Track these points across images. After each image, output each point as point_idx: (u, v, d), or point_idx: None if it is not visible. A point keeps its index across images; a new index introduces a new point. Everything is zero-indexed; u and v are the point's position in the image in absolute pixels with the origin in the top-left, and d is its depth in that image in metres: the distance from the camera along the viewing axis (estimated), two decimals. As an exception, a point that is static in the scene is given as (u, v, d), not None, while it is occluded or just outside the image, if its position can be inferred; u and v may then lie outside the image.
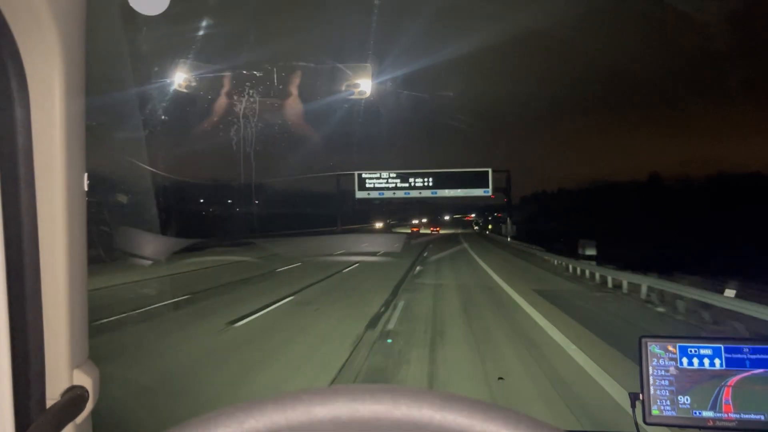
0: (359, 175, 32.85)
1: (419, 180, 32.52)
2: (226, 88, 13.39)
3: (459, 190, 32.93)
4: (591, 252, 20.59)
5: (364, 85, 10.14)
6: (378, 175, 32.73)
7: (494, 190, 33.38)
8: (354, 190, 33.41)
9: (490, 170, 32.63)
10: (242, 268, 21.11)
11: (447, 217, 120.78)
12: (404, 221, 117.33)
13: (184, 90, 10.28)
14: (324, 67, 13.10)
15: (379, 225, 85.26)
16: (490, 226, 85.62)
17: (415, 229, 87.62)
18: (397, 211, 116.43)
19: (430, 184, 32.61)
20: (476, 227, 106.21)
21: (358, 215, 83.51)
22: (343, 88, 10.35)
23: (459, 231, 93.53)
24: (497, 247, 40.47)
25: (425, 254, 31.28)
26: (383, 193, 32.75)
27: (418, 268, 22.58)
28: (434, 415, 0.49)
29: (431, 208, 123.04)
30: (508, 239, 43.01)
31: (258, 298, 12.52)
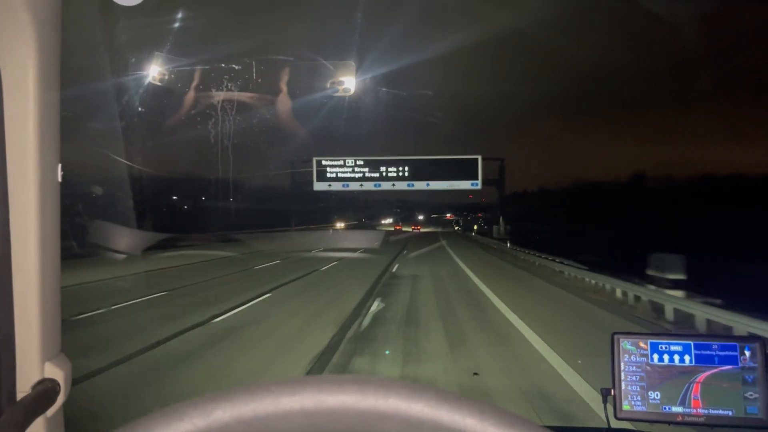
0: (318, 163, 26.62)
1: (392, 169, 26.45)
2: (204, 82, 13.41)
3: (441, 182, 27.06)
4: (676, 275, 12.29)
5: (348, 82, 11.11)
6: (341, 163, 26.67)
7: (484, 182, 27.22)
8: (312, 181, 26.92)
9: (479, 158, 26.75)
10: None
11: (421, 217, 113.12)
12: (374, 220, 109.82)
13: (160, 83, 11.12)
14: (307, 64, 13.21)
15: (341, 225, 76.20)
16: (476, 227, 75.04)
17: (397, 227, 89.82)
18: (365, 209, 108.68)
19: (406, 174, 26.48)
20: (457, 227, 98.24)
21: (324, 212, 76.95)
22: (328, 85, 11.26)
23: (439, 230, 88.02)
24: (499, 258, 28.88)
25: (394, 269, 21.94)
26: (348, 185, 26.66)
27: (375, 305, 12.56)
28: (400, 405, 0.49)
29: (405, 207, 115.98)
30: (508, 245, 33.75)
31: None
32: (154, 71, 10.91)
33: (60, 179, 1.11)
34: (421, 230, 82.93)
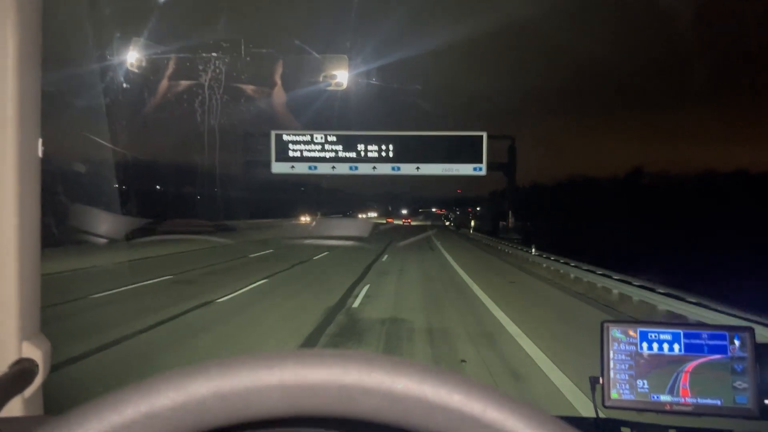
0: (278, 138, 20.20)
1: (373, 147, 19.98)
2: (192, 69, 13.93)
3: (435, 165, 20.22)
4: None
5: (341, 76, 10.59)
6: (308, 138, 20.17)
7: (489, 166, 20.47)
8: (270, 162, 20.69)
9: (484, 135, 20.02)
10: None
11: (405, 211, 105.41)
12: (355, 213, 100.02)
13: (138, 70, 11.01)
14: (298, 57, 13.33)
15: (306, 219, 66.43)
16: (473, 222, 66.19)
17: (389, 220, 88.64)
18: (336, 201, 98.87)
19: (391, 154, 19.93)
20: (447, 222, 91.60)
21: (307, 204, 70.41)
22: (320, 79, 10.76)
23: (428, 223, 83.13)
24: (542, 281, 17.34)
25: (356, 302, 12.21)
26: (315, 167, 20.20)
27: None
28: (384, 380, 0.48)
29: (390, 199, 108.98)
30: (533, 251, 22.16)
31: None
32: (138, 56, 10.70)
33: (41, 155, 1.08)
34: (412, 223, 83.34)
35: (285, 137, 19.73)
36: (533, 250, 22.85)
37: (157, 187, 44.74)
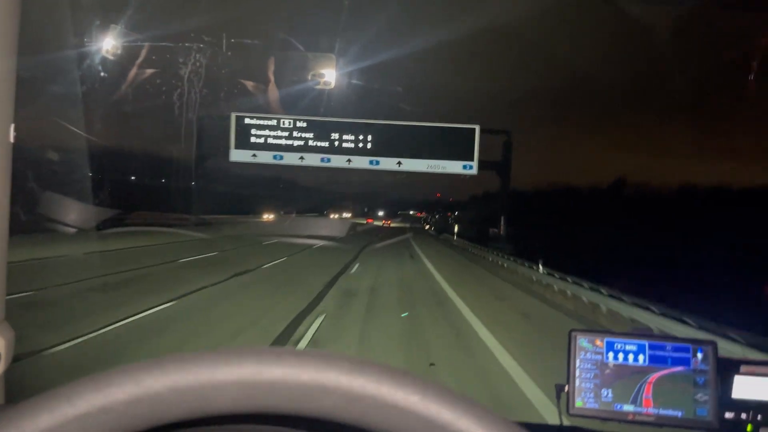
0: (238, 121, 18.36)
1: (349, 137, 18.23)
2: (172, 60, 14.82)
3: (420, 161, 18.50)
4: None
5: (329, 75, 10.62)
6: (274, 123, 18.35)
7: (480, 165, 18.66)
8: (228, 149, 18.90)
9: (477, 128, 18.34)
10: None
11: (381, 213, 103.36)
12: (326, 213, 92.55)
13: (113, 57, 11.22)
14: (283, 54, 13.81)
15: (269, 216, 60.90)
16: (457, 228, 61.65)
17: (369, 220, 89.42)
18: (312, 199, 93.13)
19: (369, 146, 18.22)
20: (427, 226, 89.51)
21: (282, 201, 69.41)
22: (309, 77, 10.75)
23: (407, 225, 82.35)
24: None
25: None
26: (281, 157, 18.23)
27: None
28: (341, 379, 0.49)
29: (364, 200, 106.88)
30: (540, 269, 18.75)
31: None
32: (117, 44, 10.86)
33: (12, 140, 1.04)
34: (391, 225, 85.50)
35: (247, 120, 17.83)
36: (540, 267, 18.76)
37: (132, 177, 44.46)
